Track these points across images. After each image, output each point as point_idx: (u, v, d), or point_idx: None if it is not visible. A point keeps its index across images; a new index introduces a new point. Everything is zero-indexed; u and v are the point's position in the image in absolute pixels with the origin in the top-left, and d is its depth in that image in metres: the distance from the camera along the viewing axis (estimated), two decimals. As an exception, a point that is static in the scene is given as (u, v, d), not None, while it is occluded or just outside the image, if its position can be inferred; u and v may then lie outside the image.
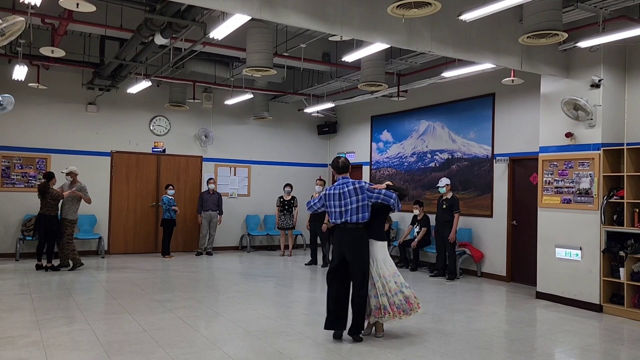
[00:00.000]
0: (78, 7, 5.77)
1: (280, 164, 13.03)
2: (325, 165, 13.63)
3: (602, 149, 6.84)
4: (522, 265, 8.62)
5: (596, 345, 5.52)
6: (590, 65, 6.99)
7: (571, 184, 7.19)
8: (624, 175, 6.67)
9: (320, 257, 10.37)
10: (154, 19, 6.68)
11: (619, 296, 6.69)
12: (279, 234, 11.91)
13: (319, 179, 10.92)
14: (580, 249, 7.00)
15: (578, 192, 7.09)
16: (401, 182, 11.12)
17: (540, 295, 7.47)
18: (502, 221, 8.95)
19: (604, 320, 6.41)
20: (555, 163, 7.41)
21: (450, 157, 10.07)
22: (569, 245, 7.15)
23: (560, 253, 7.24)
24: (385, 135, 11.76)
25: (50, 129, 10.57)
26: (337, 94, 11.46)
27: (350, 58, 7.51)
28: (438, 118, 10.36)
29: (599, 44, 6.60)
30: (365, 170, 12.32)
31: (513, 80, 7.80)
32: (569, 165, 7.23)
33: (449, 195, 9.04)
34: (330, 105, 11.55)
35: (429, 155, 10.56)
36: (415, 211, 9.87)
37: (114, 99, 11.07)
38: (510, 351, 5.13)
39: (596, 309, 6.77)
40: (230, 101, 11.42)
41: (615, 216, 6.78)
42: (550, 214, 7.44)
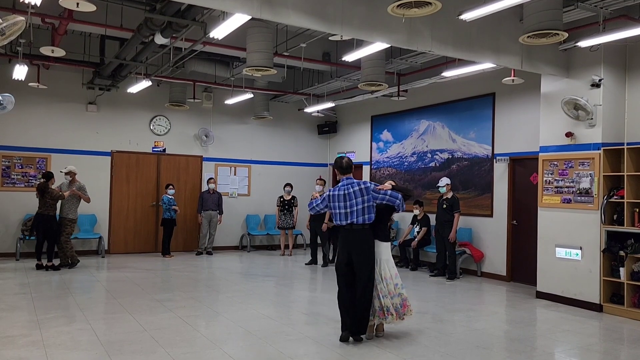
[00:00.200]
0: (78, 7, 5.78)
1: (281, 163, 13.03)
2: (325, 165, 13.63)
3: (603, 148, 6.84)
4: (522, 264, 8.61)
5: (596, 345, 5.52)
6: (590, 65, 6.99)
7: (571, 184, 7.19)
8: (624, 175, 6.67)
9: (320, 257, 10.37)
10: (154, 19, 6.68)
11: (619, 296, 6.69)
12: (279, 233, 11.91)
13: (319, 179, 10.91)
14: (581, 248, 7.00)
15: (578, 192, 7.09)
16: (401, 182, 11.10)
17: (541, 295, 7.47)
18: (502, 221, 8.95)
19: (604, 320, 6.41)
20: (555, 163, 7.41)
21: (450, 157, 10.07)
22: (569, 244, 7.15)
23: (561, 253, 7.24)
24: (386, 135, 11.76)
25: (51, 129, 10.57)
26: (337, 93, 11.45)
27: (350, 58, 7.50)
28: (438, 118, 10.36)
29: (600, 44, 6.60)
30: (366, 170, 12.31)
31: (513, 79, 7.79)
32: (569, 165, 7.22)
33: (449, 195, 9.04)
34: (330, 104, 11.55)
35: (429, 155, 10.56)
36: (416, 211, 9.87)
37: (114, 99, 11.07)
38: (510, 351, 5.13)
39: (596, 308, 6.77)
40: (230, 101, 11.42)
41: (615, 216, 6.78)
42: (550, 213, 7.44)
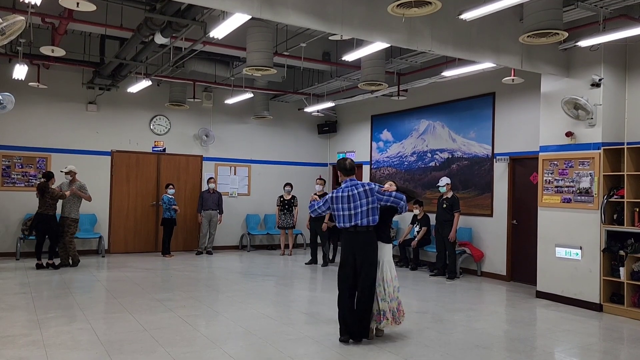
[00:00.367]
0: (78, 7, 5.78)
1: (281, 163, 13.03)
2: (325, 164, 13.63)
3: (603, 148, 6.84)
4: (522, 264, 8.61)
5: (596, 345, 5.53)
6: (590, 65, 6.99)
7: (571, 183, 7.19)
8: (624, 175, 6.67)
9: (320, 257, 10.37)
10: (154, 18, 6.68)
11: (619, 295, 6.69)
12: (279, 233, 11.91)
13: (319, 178, 10.91)
14: (581, 248, 7.00)
15: (578, 192, 7.09)
16: (401, 182, 11.10)
17: (540, 295, 7.47)
18: (502, 220, 8.95)
19: (604, 320, 6.41)
20: (555, 162, 7.41)
21: (450, 157, 10.07)
22: (569, 244, 7.15)
23: (561, 252, 7.24)
24: (386, 134, 11.76)
25: (51, 129, 10.56)
26: (337, 93, 11.45)
27: (350, 57, 7.50)
28: (438, 117, 10.36)
29: (600, 43, 6.60)
30: (366, 169, 12.31)
31: (513, 79, 7.79)
32: (569, 164, 7.22)
33: (449, 195, 9.04)
34: (330, 104, 11.55)
35: (429, 155, 10.56)
36: (416, 210, 9.87)
37: (114, 98, 11.07)
38: (510, 350, 5.14)
39: (596, 308, 6.77)
40: (230, 100, 11.42)
41: (615, 215, 6.78)
42: (550, 213, 7.44)
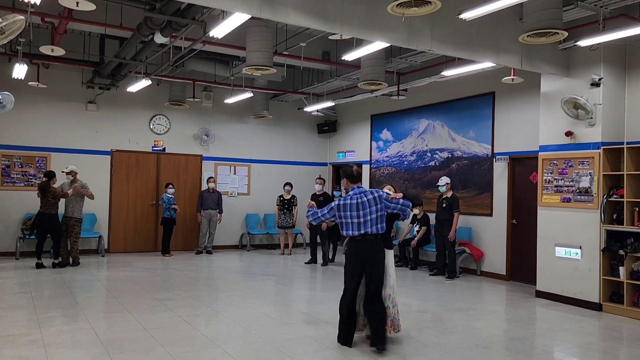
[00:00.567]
0: (78, 6, 5.78)
1: (280, 162, 13.03)
2: (325, 164, 13.63)
3: (602, 147, 6.84)
4: (522, 264, 8.62)
5: (596, 344, 5.53)
6: (590, 64, 6.99)
7: (571, 183, 7.19)
8: (623, 174, 6.67)
9: (320, 256, 10.37)
10: (154, 18, 6.68)
11: (618, 295, 6.69)
12: (278, 232, 11.91)
13: (319, 178, 10.91)
14: (580, 247, 7.00)
15: (578, 191, 7.09)
16: (401, 181, 11.12)
17: (540, 294, 7.47)
18: (502, 220, 8.95)
19: (603, 319, 6.41)
20: (555, 162, 7.41)
21: (450, 156, 10.07)
22: (569, 244, 7.15)
23: (560, 252, 7.25)
24: (385, 134, 11.76)
25: (50, 128, 10.56)
26: (337, 92, 11.45)
27: (350, 57, 7.50)
28: (438, 117, 10.36)
29: (599, 43, 6.60)
30: (365, 169, 12.31)
31: (513, 79, 7.80)
32: (569, 164, 7.23)
33: (449, 194, 9.04)
34: (330, 104, 11.55)
35: (429, 154, 10.56)
36: (415, 210, 9.86)
37: (113, 98, 11.07)
38: (510, 350, 5.14)
39: (596, 307, 6.77)
40: (230, 100, 11.42)
41: (615, 215, 6.78)
42: (550, 212, 7.44)
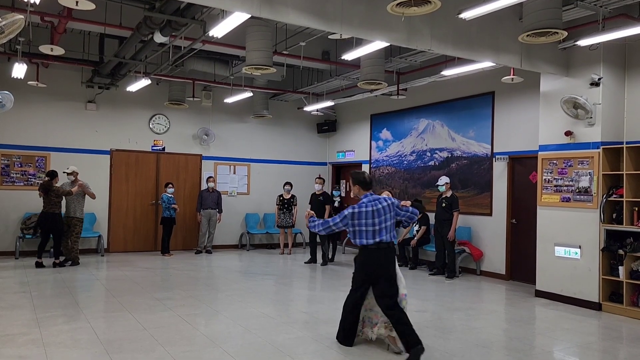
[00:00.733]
0: (77, 5, 5.78)
1: (280, 162, 13.03)
2: (324, 163, 13.63)
3: (602, 147, 6.84)
4: (522, 263, 8.62)
5: (595, 344, 5.53)
6: (590, 64, 6.99)
7: (570, 183, 7.20)
8: (623, 174, 6.68)
9: (319, 256, 10.37)
10: (154, 17, 6.67)
11: (618, 294, 6.69)
12: (278, 232, 11.91)
13: (318, 178, 10.91)
14: (580, 247, 7.00)
15: (577, 191, 7.09)
16: (400, 181, 11.13)
17: (540, 294, 7.48)
18: (502, 220, 8.95)
19: (603, 319, 6.42)
20: (554, 161, 7.42)
21: (449, 156, 10.07)
22: (568, 243, 7.15)
23: (560, 251, 7.25)
24: (385, 133, 11.76)
25: (50, 127, 10.55)
26: (337, 92, 11.45)
27: (349, 56, 7.50)
28: (438, 116, 10.36)
29: (599, 43, 6.60)
30: (365, 168, 12.31)
31: (513, 78, 7.80)
32: (569, 163, 7.23)
33: (449, 194, 9.05)
34: (329, 103, 11.55)
35: (429, 154, 10.56)
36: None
37: (113, 97, 11.06)
38: (509, 349, 5.14)
39: (595, 307, 6.78)
40: (229, 99, 11.42)
41: (614, 215, 6.78)
42: (549, 212, 7.44)
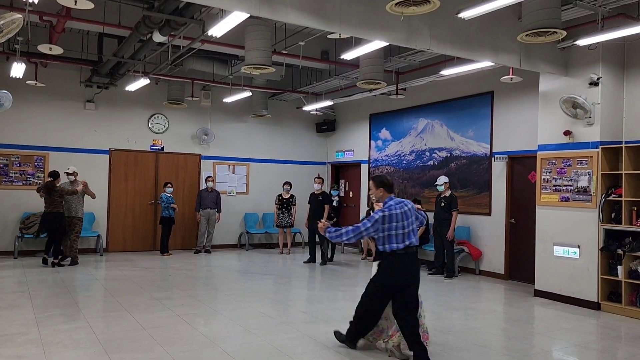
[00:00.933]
0: (76, 5, 5.76)
1: (279, 162, 13.03)
2: (324, 163, 13.63)
3: (601, 147, 6.84)
4: (520, 263, 8.62)
5: (594, 343, 5.54)
6: (588, 63, 7.00)
7: (569, 182, 7.20)
8: (622, 174, 6.68)
9: (318, 255, 10.36)
10: (153, 17, 6.66)
11: (616, 294, 6.70)
12: (277, 231, 11.91)
13: (318, 177, 10.91)
14: (579, 247, 7.01)
15: (576, 190, 7.10)
16: (399, 180, 11.12)
17: (538, 293, 7.48)
18: (501, 219, 8.95)
19: (601, 318, 6.42)
20: (553, 161, 7.42)
21: (448, 155, 10.07)
22: (567, 243, 7.16)
23: (559, 251, 7.25)
24: (384, 133, 11.75)
25: (49, 127, 10.54)
26: (336, 91, 11.45)
27: (348, 56, 7.49)
28: (437, 116, 10.36)
29: (598, 42, 6.60)
30: (364, 168, 12.32)
31: (512, 78, 7.80)
32: (568, 163, 7.23)
33: (447, 193, 9.05)
34: (329, 103, 11.54)
35: (428, 154, 10.56)
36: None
37: (112, 97, 11.04)
38: (508, 349, 5.15)
39: (594, 306, 6.78)
40: (228, 99, 11.41)
41: (613, 214, 6.79)
42: (548, 212, 7.45)
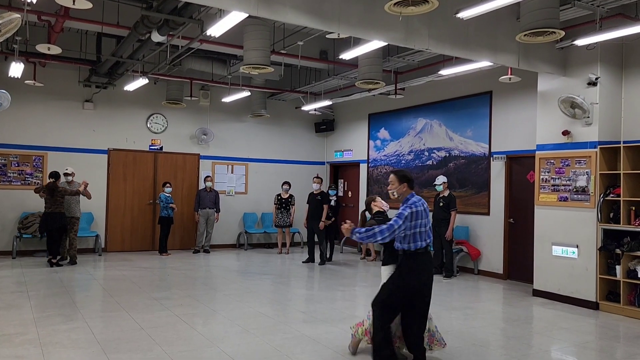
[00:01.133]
0: (74, 4, 5.76)
1: (278, 161, 13.03)
2: (322, 163, 13.63)
3: (599, 146, 6.85)
4: (519, 263, 8.63)
5: (592, 343, 5.54)
6: (587, 63, 7.00)
7: (568, 182, 7.21)
8: (620, 173, 6.69)
9: (317, 255, 10.37)
10: (151, 16, 6.66)
11: (615, 294, 6.71)
12: (276, 231, 11.90)
13: (316, 177, 10.91)
14: (577, 246, 7.02)
15: (575, 190, 7.11)
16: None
17: (537, 293, 7.49)
18: (499, 219, 8.96)
19: (600, 318, 6.43)
20: (552, 161, 7.43)
21: (447, 155, 10.07)
22: (566, 243, 7.16)
23: (557, 251, 7.26)
24: (383, 133, 11.76)
25: (47, 127, 10.53)
26: (335, 91, 11.45)
27: (347, 56, 7.49)
28: (435, 116, 10.37)
29: (596, 42, 6.62)
30: (363, 168, 12.32)
31: (510, 78, 7.80)
32: (566, 163, 7.24)
33: (446, 193, 9.05)
34: (327, 103, 11.54)
35: (426, 153, 10.56)
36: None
37: (110, 97, 11.04)
38: (507, 349, 5.15)
39: (592, 306, 6.79)
40: (227, 99, 11.40)
41: (611, 214, 6.80)
42: (547, 211, 7.45)
